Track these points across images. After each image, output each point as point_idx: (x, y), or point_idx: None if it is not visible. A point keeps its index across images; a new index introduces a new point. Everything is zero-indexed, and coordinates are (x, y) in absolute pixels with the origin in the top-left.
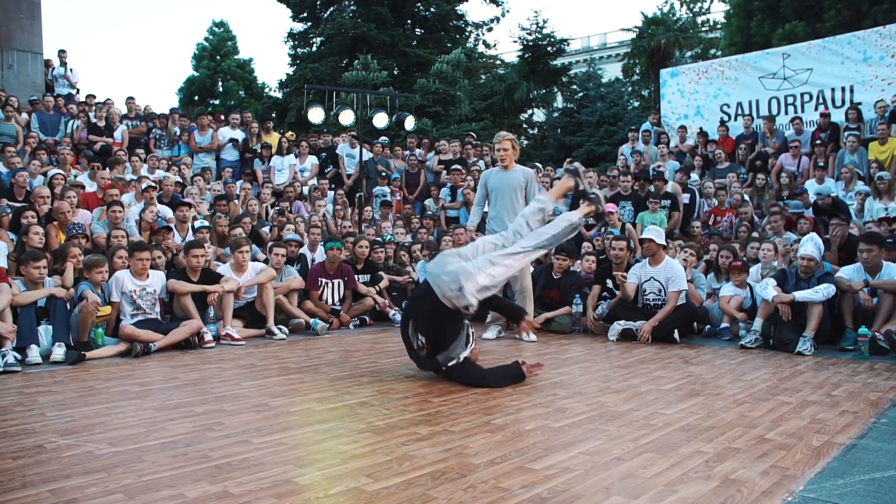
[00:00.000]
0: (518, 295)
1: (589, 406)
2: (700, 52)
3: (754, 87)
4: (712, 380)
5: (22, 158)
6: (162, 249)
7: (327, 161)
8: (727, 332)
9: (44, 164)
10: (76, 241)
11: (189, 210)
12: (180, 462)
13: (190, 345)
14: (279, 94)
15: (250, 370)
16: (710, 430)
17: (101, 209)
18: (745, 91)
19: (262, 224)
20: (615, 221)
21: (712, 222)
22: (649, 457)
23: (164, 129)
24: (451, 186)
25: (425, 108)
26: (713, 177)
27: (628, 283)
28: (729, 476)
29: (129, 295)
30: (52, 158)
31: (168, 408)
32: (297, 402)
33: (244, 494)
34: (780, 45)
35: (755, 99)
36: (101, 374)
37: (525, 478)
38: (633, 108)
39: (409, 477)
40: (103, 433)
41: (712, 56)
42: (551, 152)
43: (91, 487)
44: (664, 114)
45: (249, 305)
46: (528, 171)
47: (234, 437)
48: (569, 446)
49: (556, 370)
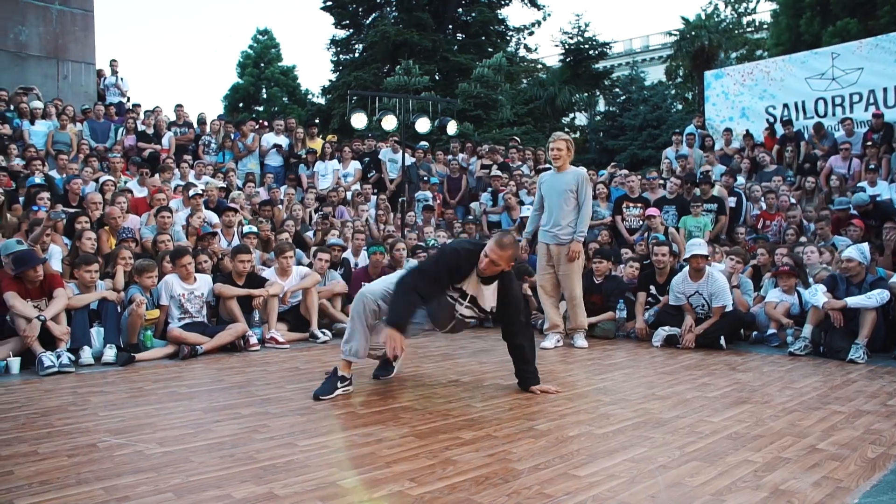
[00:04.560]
0: (569, 301)
1: (633, 413)
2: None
3: (801, 87)
4: (760, 387)
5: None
6: (208, 254)
7: (370, 166)
8: (775, 338)
9: (95, 171)
10: (126, 244)
11: (234, 215)
12: (227, 463)
13: (235, 348)
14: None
15: (294, 373)
16: (759, 438)
17: (149, 214)
18: (790, 92)
19: (305, 229)
20: (658, 226)
21: (760, 226)
22: (696, 465)
23: (214, 135)
24: (493, 191)
25: (467, 113)
26: (760, 180)
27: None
28: (779, 486)
29: (177, 298)
30: (104, 165)
31: (215, 409)
32: (340, 405)
33: (289, 496)
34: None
35: (801, 100)
36: (150, 376)
37: (569, 484)
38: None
39: (452, 482)
40: (153, 433)
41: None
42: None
43: (142, 486)
44: (708, 116)
45: (294, 309)
46: (580, 173)
47: (279, 440)
48: (613, 453)
49: (600, 376)
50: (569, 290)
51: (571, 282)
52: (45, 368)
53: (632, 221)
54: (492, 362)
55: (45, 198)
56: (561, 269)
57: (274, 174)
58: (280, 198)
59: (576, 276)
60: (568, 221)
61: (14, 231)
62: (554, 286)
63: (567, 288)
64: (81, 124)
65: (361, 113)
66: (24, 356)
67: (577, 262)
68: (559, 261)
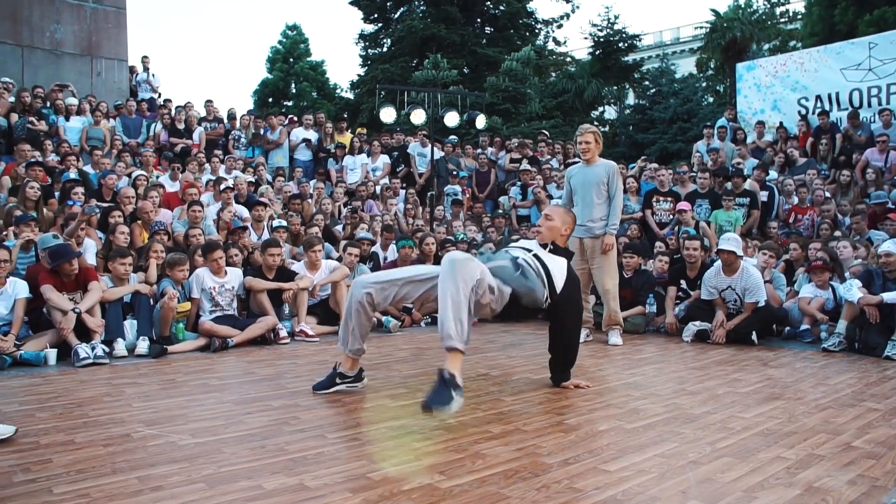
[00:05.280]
0: (603, 296)
1: (664, 408)
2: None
3: (835, 79)
4: (793, 383)
5: (109, 160)
6: (238, 248)
7: (399, 160)
8: (808, 334)
9: (128, 166)
10: (158, 238)
11: (264, 210)
12: (258, 455)
13: (266, 341)
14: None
15: (324, 366)
16: (792, 435)
17: (181, 208)
18: (824, 83)
19: (334, 223)
20: (689, 220)
21: (793, 220)
22: (727, 461)
23: (244, 130)
24: (522, 185)
25: (495, 107)
26: (793, 174)
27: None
28: (812, 484)
29: (208, 292)
30: (136, 160)
31: (245, 402)
32: (370, 398)
33: (320, 488)
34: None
35: (835, 91)
36: (182, 368)
37: (599, 479)
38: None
39: (481, 475)
40: (185, 424)
41: (791, 48)
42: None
43: (175, 476)
44: (740, 109)
45: (323, 303)
46: (610, 165)
47: (310, 432)
48: (643, 448)
49: (630, 371)
50: (602, 283)
51: (605, 275)
52: (81, 360)
53: (662, 216)
54: (521, 356)
55: (79, 193)
56: (595, 262)
57: (303, 168)
58: (309, 192)
59: (610, 269)
60: (600, 215)
61: (50, 225)
62: (587, 281)
63: (600, 282)
64: (114, 120)
65: (390, 107)
66: (61, 348)
67: (611, 254)
68: (593, 254)
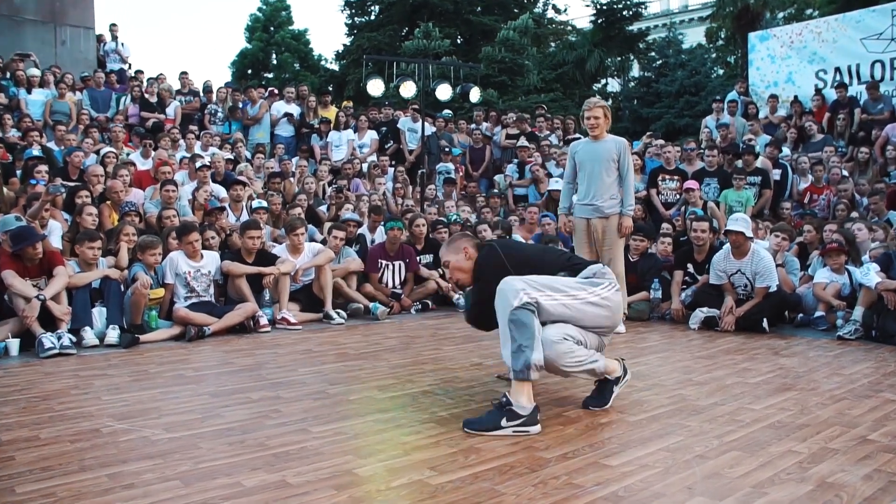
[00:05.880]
0: None
1: (669, 399)
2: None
3: (855, 49)
4: (806, 373)
5: (75, 136)
6: (215, 230)
7: (387, 136)
8: (822, 321)
9: (96, 142)
10: (129, 220)
11: (243, 189)
12: (237, 450)
13: (245, 329)
14: (336, 67)
15: (307, 356)
16: (804, 428)
17: (153, 188)
18: (844, 55)
19: (318, 203)
20: (696, 200)
21: (808, 201)
22: (736, 455)
23: (221, 104)
24: (519, 162)
25: (491, 79)
26: (808, 151)
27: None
28: (826, 479)
29: (182, 277)
30: (105, 136)
31: (223, 394)
32: (357, 390)
33: (302, 485)
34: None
35: (855, 63)
36: (155, 358)
37: (600, 474)
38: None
39: (475, 471)
40: (158, 418)
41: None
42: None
43: (147, 473)
44: (752, 82)
45: (306, 288)
46: (620, 141)
47: (292, 426)
48: (647, 442)
49: (633, 360)
50: (614, 268)
51: (617, 259)
52: (46, 350)
53: (668, 195)
54: None
55: (43, 171)
56: (606, 244)
57: (285, 145)
58: (291, 170)
59: (621, 253)
60: (610, 193)
61: (11, 206)
62: None
63: (612, 266)
64: (81, 93)
65: (378, 79)
66: (24, 337)
67: (622, 238)
68: (603, 236)
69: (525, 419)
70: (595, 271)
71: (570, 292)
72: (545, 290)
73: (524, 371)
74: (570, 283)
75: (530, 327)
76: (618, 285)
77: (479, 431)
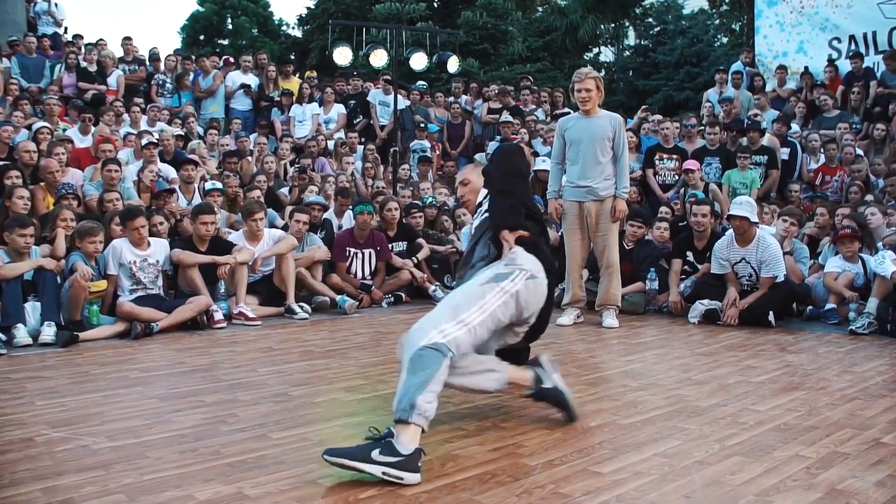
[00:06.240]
0: (604, 270)
1: (665, 400)
2: None
3: (872, 15)
4: (815, 371)
5: (3, 109)
6: (164, 215)
7: (356, 110)
8: (834, 314)
9: (27, 116)
10: (66, 203)
11: (195, 169)
12: (188, 459)
13: (198, 325)
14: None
15: (268, 354)
16: (813, 430)
17: (93, 168)
18: (859, 21)
19: (279, 185)
20: (697, 181)
21: (819, 182)
22: (738, 461)
23: (170, 74)
24: (502, 140)
25: (471, 47)
26: (819, 127)
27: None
28: (835, 486)
29: (127, 267)
30: (37, 109)
31: (174, 397)
32: (322, 391)
33: (261, 497)
34: None
35: (872, 31)
36: (97, 358)
37: (589, 483)
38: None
39: (453, 479)
40: (100, 425)
41: None
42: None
43: (88, 486)
44: (759, 51)
45: (266, 279)
46: (615, 118)
47: (250, 432)
48: (641, 447)
49: (627, 357)
50: (609, 256)
51: (612, 246)
52: None
53: (665, 176)
54: None
55: None
56: (600, 229)
57: (242, 120)
58: (249, 148)
59: (615, 240)
60: (605, 174)
61: None
62: (584, 254)
63: (606, 254)
64: (9, 60)
65: (346, 47)
66: None
67: (618, 223)
68: (597, 220)
69: (402, 460)
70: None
71: (480, 304)
72: (465, 322)
73: (407, 410)
74: (480, 291)
75: (431, 372)
76: (529, 273)
77: (340, 460)
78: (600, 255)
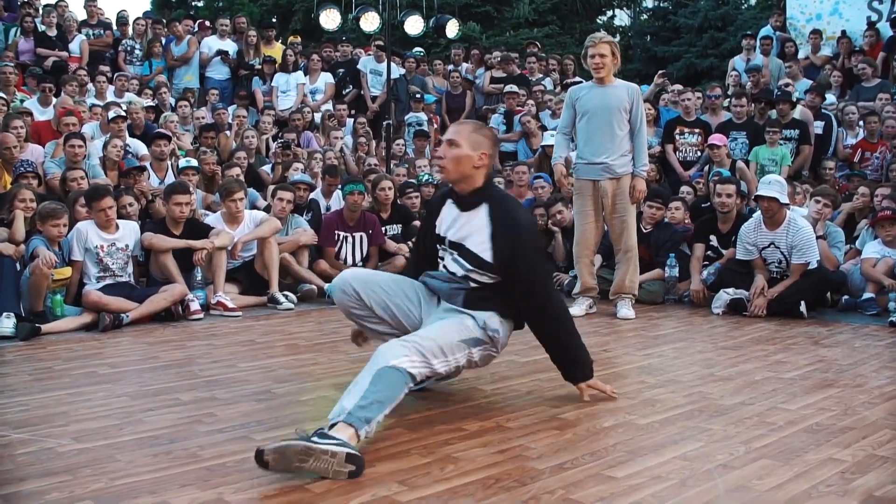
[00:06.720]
0: (622, 255)
1: (686, 398)
2: None
3: None
4: (851, 367)
5: None
6: (134, 195)
7: (345, 80)
8: (872, 304)
9: None
10: (26, 182)
11: (167, 145)
12: (163, 462)
13: (172, 316)
14: None
15: (249, 348)
16: (848, 431)
17: (55, 143)
18: None
19: (261, 162)
20: (723, 158)
21: (857, 159)
22: (765, 464)
23: (139, 39)
24: (507, 112)
25: (472, 10)
26: (857, 98)
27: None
28: (873, 493)
29: (94, 252)
30: None
31: (146, 395)
32: (309, 388)
33: (243, 503)
34: None
35: None
36: (62, 353)
37: (603, 488)
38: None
39: (453, 485)
40: (66, 426)
41: None
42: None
43: (53, 492)
44: (791, 15)
45: (247, 266)
46: (633, 88)
47: (230, 433)
48: (660, 449)
49: (644, 351)
50: (627, 240)
51: (630, 229)
52: None
53: (687, 152)
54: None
55: None
56: (617, 210)
57: (219, 90)
58: (227, 121)
59: (633, 222)
60: (622, 150)
61: None
62: (597, 238)
63: (624, 238)
64: None
65: (333, 9)
66: None
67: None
68: (613, 201)
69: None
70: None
71: (448, 357)
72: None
73: (361, 421)
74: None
75: (393, 394)
76: (496, 350)
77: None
78: (617, 238)
